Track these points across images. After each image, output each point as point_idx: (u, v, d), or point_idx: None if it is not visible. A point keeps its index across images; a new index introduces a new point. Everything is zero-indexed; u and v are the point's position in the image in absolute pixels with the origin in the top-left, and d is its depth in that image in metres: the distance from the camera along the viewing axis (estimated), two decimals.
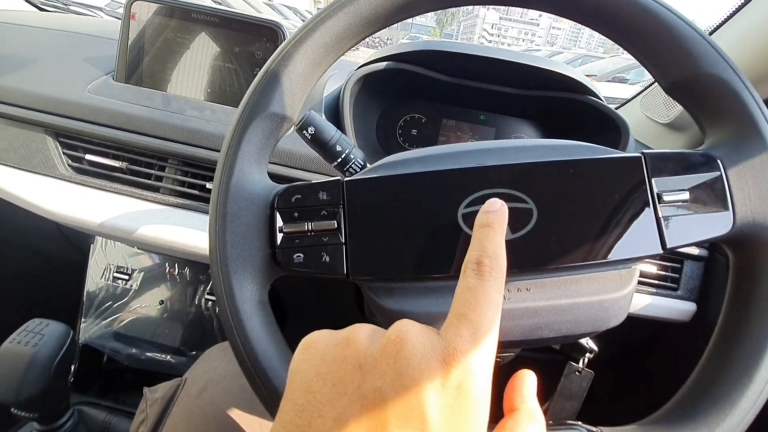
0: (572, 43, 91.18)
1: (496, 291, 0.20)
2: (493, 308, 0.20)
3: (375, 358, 0.18)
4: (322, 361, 0.19)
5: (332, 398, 0.18)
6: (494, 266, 0.21)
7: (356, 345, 0.19)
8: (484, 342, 0.19)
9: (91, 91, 0.61)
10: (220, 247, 0.31)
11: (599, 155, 0.32)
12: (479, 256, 0.22)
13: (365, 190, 0.32)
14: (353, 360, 0.19)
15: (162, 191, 0.59)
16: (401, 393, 0.17)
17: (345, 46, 0.35)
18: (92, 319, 0.65)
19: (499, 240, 0.23)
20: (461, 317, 0.19)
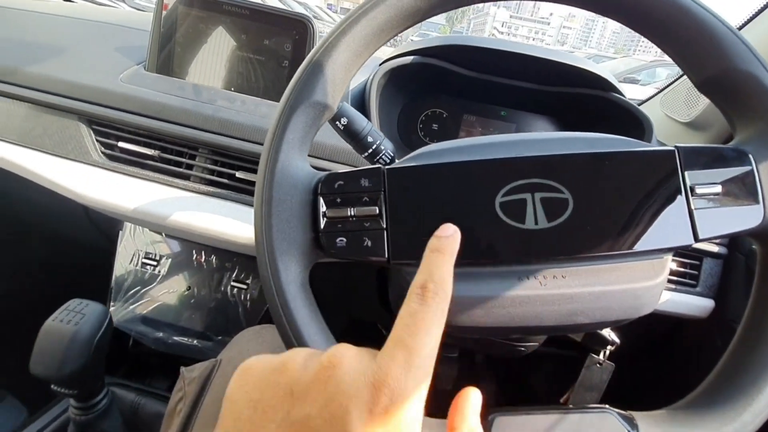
0: (583, 42, 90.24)
1: (436, 317, 0.20)
2: (432, 335, 0.20)
3: (307, 384, 0.18)
4: (254, 388, 0.19)
5: (261, 425, 0.18)
6: (438, 291, 0.21)
7: (290, 371, 0.19)
8: (417, 365, 0.18)
9: (123, 80, 0.63)
10: (266, 230, 0.32)
11: (634, 148, 0.33)
12: (425, 280, 0.21)
13: (405, 177, 0.33)
14: (285, 386, 0.18)
15: (192, 179, 0.60)
16: (328, 420, 0.17)
17: (384, 38, 0.36)
18: (121, 303, 0.67)
19: (447, 266, 0.22)
20: (398, 342, 0.19)
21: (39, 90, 0.63)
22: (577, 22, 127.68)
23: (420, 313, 0.20)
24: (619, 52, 78.33)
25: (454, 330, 0.32)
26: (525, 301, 0.31)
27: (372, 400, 0.17)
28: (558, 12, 72.95)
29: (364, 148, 0.43)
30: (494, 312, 0.31)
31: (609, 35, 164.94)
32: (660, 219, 0.32)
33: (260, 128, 0.59)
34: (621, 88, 0.61)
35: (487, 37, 0.68)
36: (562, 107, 0.71)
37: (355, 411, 0.17)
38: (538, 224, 0.31)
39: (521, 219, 0.32)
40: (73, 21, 0.77)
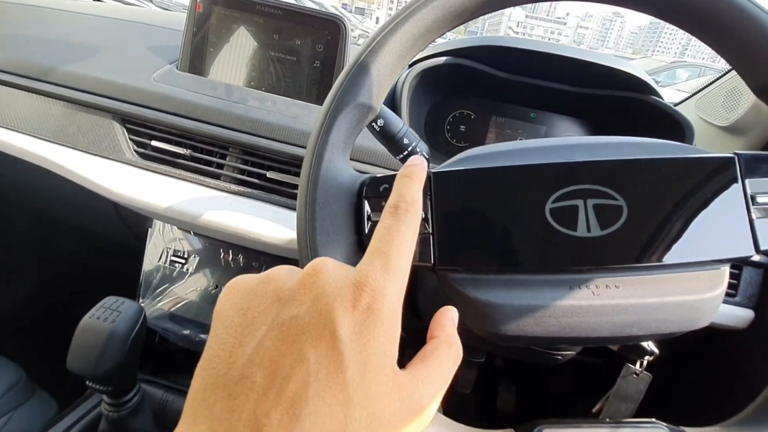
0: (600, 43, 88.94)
1: (408, 229, 0.23)
2: (406, 243, 0.22)
3: (293, 290, 0.20)
4: (242, 298, 0.20)
5: (252, 329, 0.19)
6: (409, 209, 0.23)
7: (276, 280, 0.20)
8: (395, 269, 0.20)
9: (156, 80, 0.63)
10: (309, 232, 0.32)
11: (692, 154, 0.31)
12: (397, 201, 0.24)
13: (452, 181, 0.32)
14: (273, 293, 0.20)
15: (223, 178, 0.60)
16: (315, 316, 0.18)
17: (429, 39, 0.35)
18: (149, 300, 0.67)
19: (416, 188, 0.25)
20: (375, 251, 0.21)
21: (74, 88, 0.64)
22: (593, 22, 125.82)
23: (394, 226, 0.22)
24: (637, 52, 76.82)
25: (501, 338, 0.32)
26: (577, 312, 0.30)
27: (354, 297, 0.19)
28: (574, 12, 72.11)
29: (400, 150, 0.43)
30: (545, 321, 0.30)
31: (627, 35, 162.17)
32: (719, 228, 0.30)
33: (291, 128, 0.59)
34: (660, 90, 0.60)
35: (521, 37, 0.67)
36: (594, 110, 0.69)
37: (340, 308, 0.18)
38: (591, 232, 0.30)
39: (572, 226, 0.31)
40: (106, 20, 0.78)
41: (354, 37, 0.59)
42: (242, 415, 0.16)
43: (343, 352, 0.17)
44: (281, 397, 0.16)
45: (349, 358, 0.17)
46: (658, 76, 6.01)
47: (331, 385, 0.17)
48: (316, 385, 0.17)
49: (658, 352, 0.48)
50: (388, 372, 0.19)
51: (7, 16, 0.78)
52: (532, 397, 1.06)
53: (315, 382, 0.17)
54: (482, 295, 0.31)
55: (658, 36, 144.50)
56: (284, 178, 0.59)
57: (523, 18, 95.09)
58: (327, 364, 0.17)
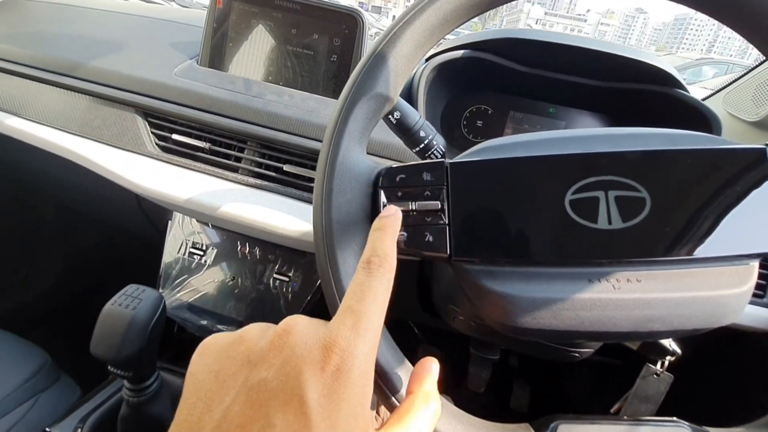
0: (622, 40, 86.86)
1: (381, 285, 0.22)
2: (378, 301, 0.21)
3: (263, 351, 0.19)
4: (214, 360, 0.20)
5: (221, 393, 0.18)
6: (382, 263, 0.23)
7: (247, 341, 0.20)
8: (365, 328, 0.20)
9: (177, 74, 0.64)
10: (326, 222, 0.32)
11: (719, 145, 0.30)
12: (369, 255, 0.23)
13: (469, 172, 0.32)
14: (243, 355, 0.19)
15: (241, 172, 0.61)
16: (283, 380, 0.18)
17: (447, 29, 0.35)
18: (168, 291, 0.69)
19: (389, 242, 0.25)
20: (346, 309, 0.20)
21: (98, 83, 0.66)
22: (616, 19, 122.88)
23: (366, 282, 0.22)
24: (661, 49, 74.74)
25: (518, 332, 0.31)
26: (597, 305, 0.29)
27: (324, 359, 0.18)
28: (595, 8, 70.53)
29: (416, 143, 0.43)
30: (562, 315, 0.30)
31: (650, 32, 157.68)
32: (747, 222, 0.29)
33: (308, 122, 0.59)
34: (686, 83, 0.58)
35: (541, 30, 0.66)
36: (616, 104, 0.67)
37: (308, 370, 0.18)
38: (612, 224, 0.30)
39: (593, 218, 0.30)
40: (129, 17, 0.80)
41: (371, 35, 0.59)
42: None
43: (310, 418, 0.17)
44: None
45: (317, 424, 0.17)
46: (683, 73, 5.82)
47: None
48: None
49: (681, 352, 0.47)
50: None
51: (34, 13, 0.80)
52: (547, 398, 1.05)
53: None
54: (498, 286, 0.30)
55: (684, 32, 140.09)
56: (301, 172, 0.59)
57: (542, 15, 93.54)
58: (295, 430, 0.17)
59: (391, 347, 0.30)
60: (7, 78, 0.70)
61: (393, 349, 0.30)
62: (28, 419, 0.58)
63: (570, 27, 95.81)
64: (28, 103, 0.68)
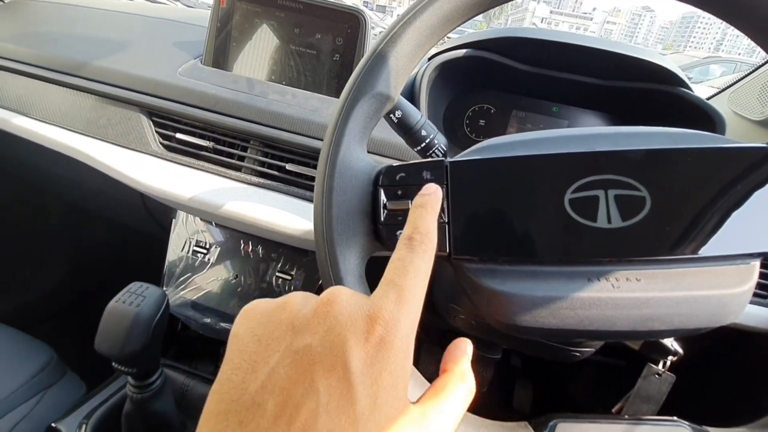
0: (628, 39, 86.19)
1: (423, 262, 0.22)
2: (420, 276, 0.22)
3: (307, 318, 0.20)
4: (258, 324, 0.20)
5: (265, 356, 0.19)
6: (424, 240, 0.23)
7: (291, 308, 0.20)
8: (408, 302, 0.20)
9: (181, 74, 0.65)
10: (326, 220, 0.32)
11: (721, 144, 0.30)
12: (411, 232, 0.23)
13: (469, 171, 0.32)
14: (287, 321, 0.20)
15: (244, 170, 0.62)
16: (327, 347, 0.18)
17: (448, 29, 0.35)
18: (172, 289, 0.69)
19: (431, 219, 0.25)
20: (389, 283, 0.21)
21: (104, 83, 0.66)
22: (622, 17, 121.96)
23: (408, 258, 0.22)
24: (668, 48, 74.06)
25: (517, 330, 0.31)
26: (595, 304, 0.29)
27: (367, 329, 0.19)
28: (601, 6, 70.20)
29: (417, 142, 0.43)
30: (561, 314, 0.30)
31: (657, 31, 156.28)
32: (748, 221, 0.29)
33: (310, 121, 0.60)
34: (690, 82, 0.57)
35: (544, 28, 0.65)
36: (619, 103, 0.67)
37: (352, 339, 0.18)
38: (612, 223, 0.30)
39: (592, 217, 0.30)
40: (134, 17, 0.81)
41: (374, 35, 0.59)
42: None
43: (353, 385, 0.17)
44: (291, 427, 0.16)
45: (359, 391, 0.17)
46: (690, 72, 5.78)
47: (341, 418, 0.17)
48: (326, 417, 0.17)
49: (683, 352, 0.47)
50: (399, 406, 0.19)
51: (40, 13, 0.81)
52: (549, 398, 1.05)
53: (325, 413, 0.17)
54: (498, 285, 0.31)
55: (691, 31, 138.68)
56: (303, 171, 0.60)
57: (548, 14, 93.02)
58: (338, 396, 0.17)
59: None
60: (14, 78, 0.70)
61: None
62: (34, 415, 0.59)
63: (576, 25, 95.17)
64: (35, 102, 0.69)
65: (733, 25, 0.32)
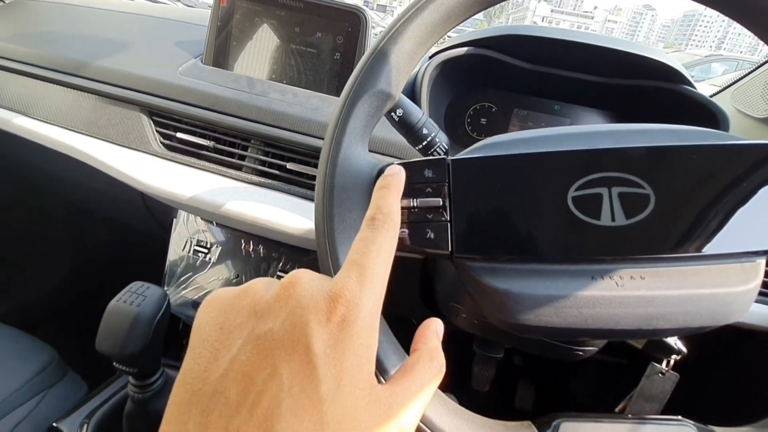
0: (629, 37, 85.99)
1: (385, 240, 0.22)
2: (383, 255, 0.22)
3: (269, 303, 0.19)
4: (219, 312, 0.20)
5: (227, 343, 0.18)
6: (386, 220, 0.23)
7: (253, 294, 0.20)
8: (371, 281, 0.20)
9: (182, 73, 0.65)
10: (327, 219, 0.32)
11: (727, 141, 0.30)
12: (374, 213, 0.24)
13: (471, 169, 0.32)
14: (249, 307, 0.20)
15: (244, 170, 0.61)
16: (289, 330, 0.18)
17: (450, 25, 0.35)
18: (173, 288, 0.69)
19: (393, 199, 0.25)
20: (352, 263, 0.21)
21: (104, 82, 0.66)
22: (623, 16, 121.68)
23: (370, 238, 0.22)
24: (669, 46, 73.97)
25: (520, 329, 0.31)
26: (600, 302, 0.29)
27: (329, 310, 0.19)
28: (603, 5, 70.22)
29: (418, 141, 0.43)
30: (565, 312, 0.30)
31: (658, 29, 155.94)
32: (753, 219, 0.29)
33: (311, 120, 0.59)
34: (693, 79, 0.57)
35: (546, 26, 0.65)
36: (621, 101, 0.67)
37: (314, 321, 0.18)
38: (615, 221, 0.29)
39: (596, 215, 0.30)
40: (135, 17, 0.81)
41: (375, 34, 0.59)
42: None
43: (317, 366, 0.17)
44: (253, 414, 0.16)
45: (323, 373, 0.17)
46: (692, 70, 5.76)
47: (304, 401, 0.17)
48: (289, 401, 0.16)
49: (686, 351, 0.47)
50: (364, 386, 0.18)
51: (41, 13, 0.81)
52: (552, 397, 1.04)
53: (288, 397, 0.16)
54: (500, 284, 0.30)
55: (692, 29, 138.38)
56: (304, 170, 0.59)
57: (549, 13, 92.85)
58: (300, 379, 0.17)
59: (392, 343, 0.30)
60: (15, 78, 0.70)
61: (394, 345, 0.30)
62: (36, 415, 0.59)
63: (577, 24, 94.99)
64: (36, 102, 0.69)
65: (735, 19, 0.32)
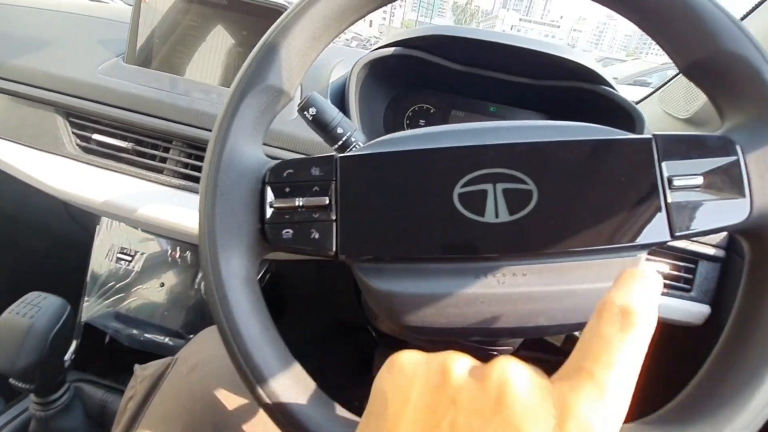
0: (593, 45, 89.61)
1: (638, 350, 0.17)
2: (629, 372, 0.16)
3: (472, 395, 0.16)
4: (411, 386, 0.18)
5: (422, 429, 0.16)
6: (643, 323, 0.17)
7: (451, 376, 0.17)
8: (609, 409, 0.16)
9: (101, 72, 0.62)
10: (208, 220, 0.30)
11: (606, 136, 0.30)
12: (627, 304, 0.17)
13: (359, 166, 0.31)
14: (446, 391, 0.17)
15: (166, 172, 0.59)
16: None
17: (347, 21, 0.34)
18: (95, 299, 0.66)
19: (655, 299, 0.18)
20: (583, 373, 0.16)
21: (18, 82, 0.62)
22: (587, 25, 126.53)
23: (616, 340, 0.17)
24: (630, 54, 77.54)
25: (405, 331, 0.30)
26: (480, 300, 0.29)
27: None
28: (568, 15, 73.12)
29: (334, 140, 0.42)
30: (447, 312, 0.29)
31: (621, 38, 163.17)
32: (633, 213, 0.29)
33: None
34: (612, 81, 0.59)
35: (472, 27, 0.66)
36: (551, 102, 0.68)
37: None
38: (499, 217, 0.29)
39: (480, 212, 0.29)
40: (58, 14, 0.77)
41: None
42: None
43: None
44: None
45: None
46: (650, 77, 6.01)
47: None
48: None
49: None
50: None
51: None
52: None
53: None
54: (384, 285, 0.29)
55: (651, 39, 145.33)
56: None
57: (517, 21, 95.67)
58: None
59: None
60: None
61: None
62: None
63: (544, 33, 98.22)
64: None
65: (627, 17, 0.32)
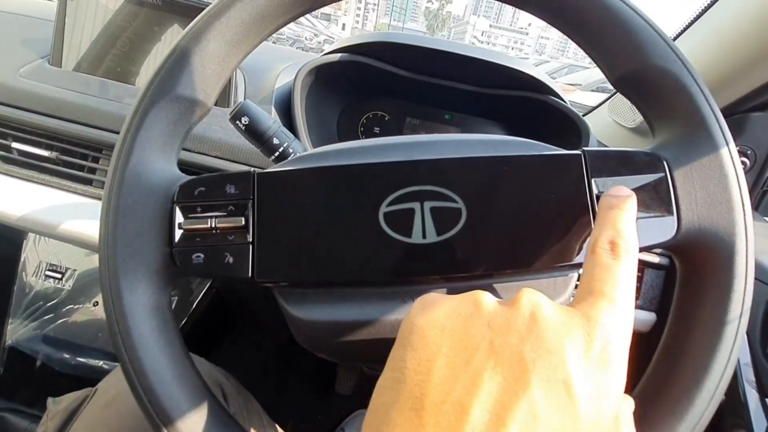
0: (560, 52, 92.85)
1: (631, 270, 0.20)
2: (629, 286, 0.20)
3: (506, 318, 0.18)
4: (446, 317, 0.19)
5: (463, 353, 0.17)
6: (629, 248, 0.21)
7: (482, 305, 0.19)
8: (622, 316, 0.19)
9: (23, 75, 0.57)
10: (109, 244, 0.27)
11: (536, 152, 0.29)
12: (614, 236, 0.21)
13: (278, 183, 0.29)
14: (481, 318, 0.18)
15: (95, 184, 0.54)
16: (543, 356, 0.17)
17: (268, 27, 0.31)
18: (20, 320, 0.60)
19: (631, 222, 0.23)
20: (599, 294, 0.19)
21: None
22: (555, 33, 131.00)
23: (614, 266, 0.20)
24: None
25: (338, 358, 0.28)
26: None
27: (587, 345, 0.17)
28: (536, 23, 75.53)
29: (271, 151, 0.39)
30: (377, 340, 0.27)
31: None
32: (563, 232, 0.28)
33: None
34: (559, 90, 0.59)
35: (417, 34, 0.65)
36: (503, 111, 0.68)
37: (572, 352, 0.17)
38: (426, 238, 0.27)
39: (407, 232, 0.28)
40: None
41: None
42: None
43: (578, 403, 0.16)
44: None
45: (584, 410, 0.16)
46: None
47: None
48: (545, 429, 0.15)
49: None
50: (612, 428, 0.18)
51: None
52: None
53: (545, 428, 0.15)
54: (304, 313, 0.27)
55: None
56: None
57: (488, 28, 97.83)
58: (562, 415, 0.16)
59: None
60: None
61: None
62: None
63: (513, 39, 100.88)
64: None
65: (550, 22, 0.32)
